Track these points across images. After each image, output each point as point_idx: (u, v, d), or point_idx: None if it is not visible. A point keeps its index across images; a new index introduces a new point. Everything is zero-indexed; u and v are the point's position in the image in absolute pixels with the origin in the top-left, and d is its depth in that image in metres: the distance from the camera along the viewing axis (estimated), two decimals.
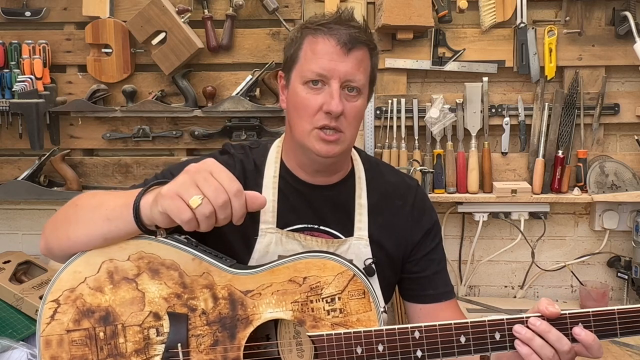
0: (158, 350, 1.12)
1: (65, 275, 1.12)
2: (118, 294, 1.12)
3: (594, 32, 2.21)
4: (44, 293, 1.13)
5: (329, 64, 1.22)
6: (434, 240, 1.42)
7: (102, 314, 1.12)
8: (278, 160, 1.37)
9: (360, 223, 1.35)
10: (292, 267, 1.14)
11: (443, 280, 1.42)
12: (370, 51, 1.29)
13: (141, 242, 1.12)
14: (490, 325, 1.10)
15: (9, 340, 1.91)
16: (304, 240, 1.31)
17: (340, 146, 1.27)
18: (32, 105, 2.15)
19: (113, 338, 1.11)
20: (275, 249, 1.30)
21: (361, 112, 1.29)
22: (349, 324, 1.13)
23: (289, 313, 1.13)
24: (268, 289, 1.13)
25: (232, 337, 1.12)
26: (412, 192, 1.43)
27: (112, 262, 1.12)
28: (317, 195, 1.36)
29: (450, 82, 2.30)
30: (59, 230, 1.16)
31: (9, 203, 2.37)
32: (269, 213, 1.32)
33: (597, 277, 2.34)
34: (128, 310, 1.12)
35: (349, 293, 1.13)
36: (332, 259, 1.14)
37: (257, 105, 2.20)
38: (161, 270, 1.12)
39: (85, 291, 1.12)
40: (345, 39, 1.23)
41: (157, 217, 1.03)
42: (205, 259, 1.13)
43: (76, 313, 1.11)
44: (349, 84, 1.24)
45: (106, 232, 1.10)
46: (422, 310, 1.39)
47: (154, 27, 2.16)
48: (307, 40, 1.27)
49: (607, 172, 2.20)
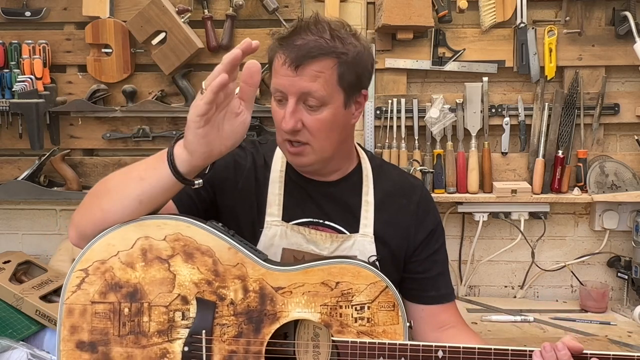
0: (181, 334, 1.12)
1: (98, 246, 1.11)
2: (149, 272, 1.12)
3: (594, 32, 2.21)
4: (74, 260, 1.11)
5: (284, 82, 1.23)
6: (438, 241, 1.43)
7: (129, 290, 1.11)
8: (285, 156, 1.38)
9: (366, 220, 1.36)
10: (327, 270, 1.15)
11: (445, 282, 1.43)
12: (337, 57, 1.23)
13: (180, 223, 1.13)
14: (513, 355, 1.11)
15: (9, 340, 1.91)
16: (309, 234, 1.33)
17: (309, 157, 1.28)
18: (32, 105, 2.15)
19: (137, 315, 1.11)
20: (279, 242, 1.31)
21: (328, 122, 1.26)
22: (375, 334, 1.14)
23: (316, 315, 1.14)
24: (300, 289, 1.14)
25: (256, 331, 1.13)
26: (417, 191, 1.44)
27: (147, 240, 1.12)
28: (321, 191, 1.38)
29: (450, 82, 2.30)
30: (91, 208, 1.15)
31: (9, 203, 2.37)
32: (275, 206, 1.34)
33: (597, 277, 2.34)
34: (157, 290, 1.12)
35: (379, 304, 1.15)
36: (367, 268, 1.16)
37: (257, 105, 2.20)
38: (196, 255, 1.12)
39: (116, 265, 1.11)
40: (294, 56, 1.20)
41: (192, 142, 1.07)
42: (241, 249, 1.14)
43: (103, 285, 1.11)
44: (307, 100, 1.24)
45: (140, 193, 1.10)
46: (423, 311, 1.40)
47: (154, 27, 2.16)
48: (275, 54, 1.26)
49: (607, 172, 2.20)
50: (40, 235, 2.39)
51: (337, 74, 1.23)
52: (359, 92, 1.31)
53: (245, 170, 1.37)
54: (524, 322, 2.07)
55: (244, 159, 1.38)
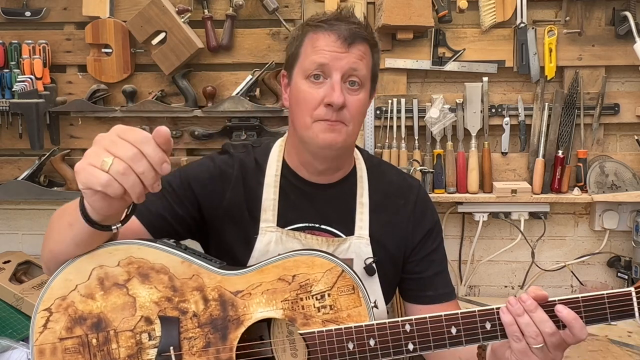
0: (151, 354, 1.11)
1: (57, 283, 1.12)
2: (109, 300, 1.12)
3: (594, 32, 2.21)
4: (36, 302, 1.12)
5: (330, 57, 1.24)
6: (435, 240, 1.42)
7: (94, 320, 1.11)
8: (280, 159, 1.37)
9: (361, 222, 1.35)
10: (281, 265, 1.14)
11: (444, 281, 1.42)
12: (371, 47, 1.31)
13: (131, 247, 1.12)
14: (481, 315, 1.09)
15: (9, 340, 1.91)
16: (304, 239, 1.31)
17: (343, 137, 1.26)
18: (32, 105, 2.15)
19: (106, 344, 1.11)
20: (275, 248, 1.30)
21: (364, 106, 1.30)
22: (340, 320, 1.13)
23: (279, 312, 1.13)
24: (258, 289, 1.13)
25: (223, 338, 1.12)
26: (414, 191, 1.43)
27: (102, 269, 1.12)
28: (319, 193, 1.36)
29: (450, 82, 2.30)
30: (44, 247, 1.17)
31: (9, 203, 2.37)
32: (270, 212, 1.32)
33: (597, 277, 2.34)
34: (120, 315, 1.12)
35: (338, 289, 1.13)
36: (320, 255, 1.14)
37: (257, 105, 2.20)
38: (151, 275, 1.12)
39: (76, 299, 1.11)
40: (345, 34, 1.25)
41: (90, 201, 0.97)
42: (194, 261, 1.13)
43: (68, 321, 1.11)
44: (351, 78, 1.25)
45: (72, 237, 1.07)
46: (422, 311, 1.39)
47: (154, 27, 2.16)
48: (308, 36, 1.28)
49: (607, 172, 2.20)
50: (40, 235, 2.35)
51: (371, 62, 1.31)
52: (375, 87, 1.37)
53: (233, 178, 1.34)
54: None
55: (230, 166, 1.35)
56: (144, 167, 0.92)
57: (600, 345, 1.87)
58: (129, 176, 0.92)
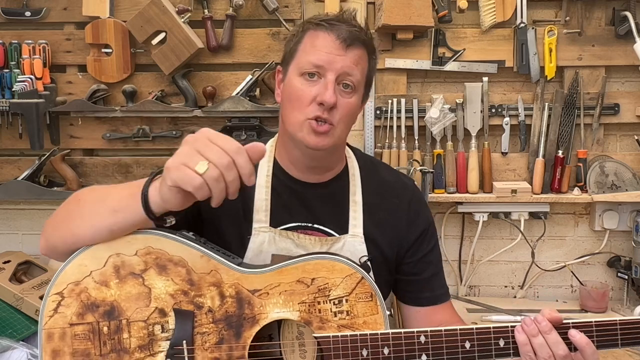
0: (162, 346, 1.11)
1: (70, 268, 1.11)
2: (124, 289, 1.11)
3: (594, 32, 2.21)
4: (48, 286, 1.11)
5: (327, 57, 1.25)
6: (430, 242, 1.42)
7: (106, 308, 1.11)
8: (271, 159, 1.37)
9: (355, 220, 1.35)
10: (301, 267, 1.14)
11: (439, 282, 1.43)
12: (369, 54, 1.31)
13: (149, 237, 1.12)
14: (495, 332, 1.11)
15: (9, 340, 1.91)
16: (297, 239, 1.31)
17: (330, 139, 1.27)
18: (32, 105, 2.15)
19: (117, 333, 1.11)
20: (268, 248, 1.30)
21: (354, 110, 1.30)
22: (356, 327, 1.13)
23: (295, 314, 1.13)
24: (276, 289, 1.13)
25: (237, 335, 1.12)
26: (409, 191, 1.43)
27: (118, 257, 1.11)
28: (311, 193, 1.36)
29: (450, 82, 2.30)
30: (63, 227, 1.15)
31: (9, 203, 2.37)
32: (262, 212, 1.32)
33: (597, 277, 2.34)
34: (133, 305, 1.11)
35: (356, 295, 1.14)
36: (341, 261, 1.15)
37: (257, 105, 2.20)
38: (169, 267, 1.12)
39: (90, 285, 1.11)
40: (345, 35, 1.26)
41: (167, 195, 1.01)
42: (213, 256, 1.13)
43: (80, 307, 1.10)
44: (345, 80, 1.26)
45: (112, 224, 1.09)
46: (418, 313, 1.39)
47: (154, 27, 2.16)
48: (308, 34, 1.29)
49: (607, 172, 2.20)
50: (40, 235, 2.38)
51: (367, 67, 1.31)
52: (368, 94, 1.36)
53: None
54: None
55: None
56: (234, 177, 0.98)
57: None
58: (220, 183, 0.97)
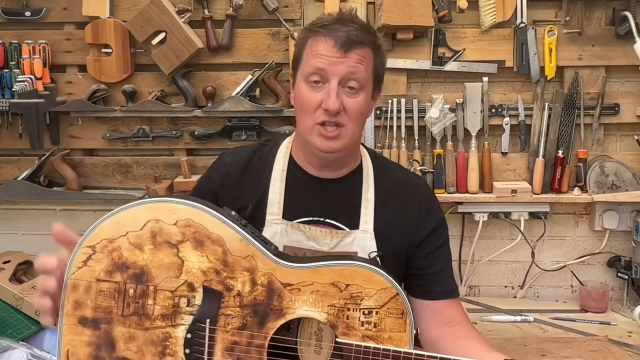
0: (185, 320, 1.11)
1: (107, 224, 1.10)
2: (157, 256, 1.11)
3: (594, 32, 2.21)
4: (82, 236, 1.11)
5: (327, 63, 1.28)
6: (441, 237, 1.45)
7: (136, 271, 1.11)
8: (287, 156, 1.43)
9: (366, 217, 1.38)
10: (338, 271, 1.14)
11: (449, 278, 1.45)
12: (374, 50, 1.33)
13: (192, 210, 1.11)
14: None
15: (9, 340, 1.91)
16: (309, 231, 1.35)
17: (341, 141, 1.31)
18: (32, 105, 2.15)
19: (142, 297, 1.11)
20: (280, 239, 1.34)
21: (363, 107, 1.33)
22: (380, 340, 1.14)
23: (323, 315, 1.13)
24: (309, 287, 1.14)
25: (261, 324, 1.12)
26: (420, 190, 1.47)
27: (157, 223, 1.10)
28: (324, 188, 1.40)
29: (450, 82, 2.30)
30: None
31: (9, 203, 2.37)
32: (276, 205, 1.37)
33: (597, 277, 2.34)
34: (163, 274, 1.11)
35: (387, 310, 1.14)
36: (380, 273, 1.15)
37: (257, 105, 2.20)
38: (206, 243, 1.11)
39: (124, 245, 1.10)
40: (343, 40, 1.28)
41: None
42: (252, 242, 1.13)
43: (110, 264, 1.10)
44: (349, 82, 1.29)
45: None
46: (428, 307, 1.40)
47: (154, 27, 2.16)
48: (309, 41, 1.32)
49: (607, 172, 2.20)
50: (40, 235, 2.38)
51: (373, 64, 1.32)
52: (379, 87, 1.39)
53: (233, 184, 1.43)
54: (524, 322, 2.07)
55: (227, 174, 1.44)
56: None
57: (600, 345, 1.87)
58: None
